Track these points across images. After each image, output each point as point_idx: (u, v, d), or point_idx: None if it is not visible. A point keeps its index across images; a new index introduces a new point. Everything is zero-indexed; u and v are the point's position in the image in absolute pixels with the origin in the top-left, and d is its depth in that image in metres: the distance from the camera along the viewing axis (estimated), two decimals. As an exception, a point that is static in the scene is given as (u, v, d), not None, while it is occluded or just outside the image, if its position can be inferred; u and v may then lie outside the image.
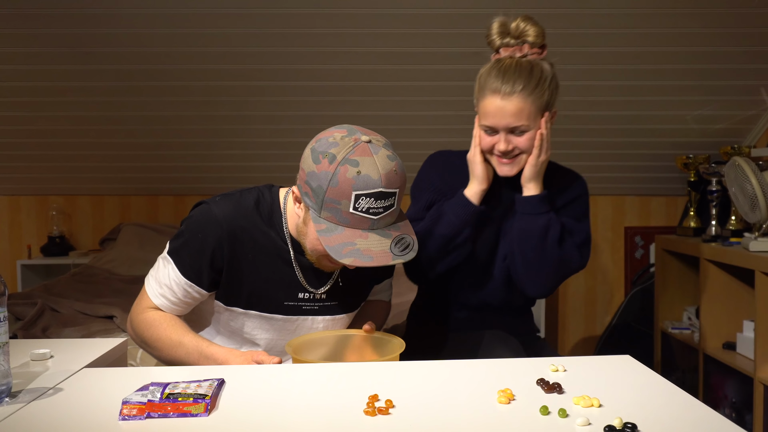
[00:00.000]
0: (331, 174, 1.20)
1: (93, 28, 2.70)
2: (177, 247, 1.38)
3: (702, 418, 0.93)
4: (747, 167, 2.29)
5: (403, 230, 1.28)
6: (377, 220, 1.23)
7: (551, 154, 1.56)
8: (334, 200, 1.21)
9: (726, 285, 2.60)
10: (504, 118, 1.46)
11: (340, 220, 1.23)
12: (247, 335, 1.44)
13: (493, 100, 1.47)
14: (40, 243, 3.67)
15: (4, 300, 1.00)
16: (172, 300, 1.39)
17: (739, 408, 2.45)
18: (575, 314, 3.67)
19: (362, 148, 1.22)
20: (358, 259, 1.21)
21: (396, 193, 1.24)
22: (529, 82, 1.46)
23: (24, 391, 1.06)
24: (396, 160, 1.25)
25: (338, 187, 1.20)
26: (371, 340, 1.40)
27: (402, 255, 1.24)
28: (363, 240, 1.22)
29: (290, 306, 1.42)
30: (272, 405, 1.00)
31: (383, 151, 1.23)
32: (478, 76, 1.54)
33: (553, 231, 1.50)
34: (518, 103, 1.45)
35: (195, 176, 3.56)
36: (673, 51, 2.78)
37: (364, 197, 1.20)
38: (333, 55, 2.82)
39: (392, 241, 1.24)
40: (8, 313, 1.77)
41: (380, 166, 1.21)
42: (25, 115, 3.18)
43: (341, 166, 1.20)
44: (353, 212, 1.21)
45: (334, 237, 1.22)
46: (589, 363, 1.21)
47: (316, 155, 1.23)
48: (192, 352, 1.33)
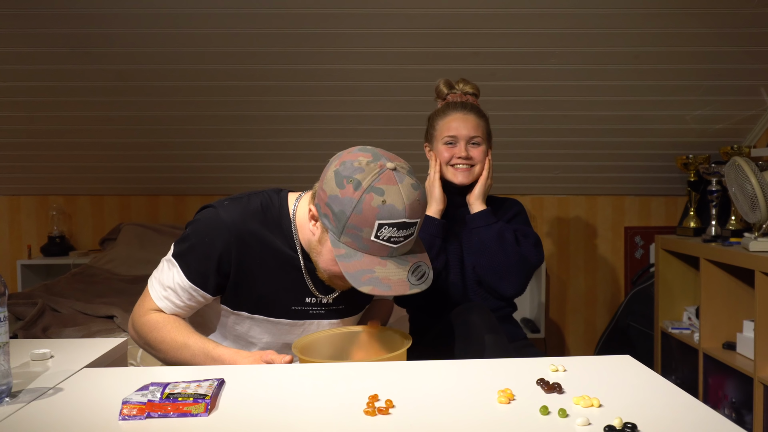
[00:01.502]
0: (355, 201, 1.20)
1: (93, 28, 2.70)
2: (183, 251, 1.36)
3: (702, 418, 0.93)
4: (747, 167, 2.29)
5: (420, 258, 1.28)
6: (397, 248, 1.24)
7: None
8: (357, 227, 1.21)
9: (726, 285, 2.60)
10: (465, 128, 1.81)
11: (360, 246, 1.23)
12: (252, 339, 1.44)
13: (455, 117, 1.83)
14: (40, 243, 3.67)
15: (5, 300, 1.00)
16: (176, 303, 1.38)
17: (739, 408, 2.45)
18: (575, 314, 3.67)
19: (388, 176, 1.22)
20: (377, 288, 1.21)
21: (417, 223, 1.24)
22: (479, 110, 1.86)
23: (24, 391, 1.06)
24: (419, 189, 1.25)
25: (362, 215, 1.20)
26: (378, 336, 1.40)
27: (418, 284, 1.25)
28: (381, 268, 1.22)
29: (297, 310, 1.42)
30: (272, 405, 1.00)
31: (408, 179, 1.23)
32: (431, 115, 1.90)
33: (507, 234, 1.77)
34: (475, 119, 1.83)
35: (195, 176, 3.56)
36: (673, 51, 2.78)
37: (387, 227, 1.20)
38: (333, 56, 2.82)
39: (409, 270, 1.25)
40: (8, 313, 1.77)
41: (405, 196, 1.21)
42: (25, 115, 3.18)
43: (366, 194, 1.20)
44: (374, 240, 1.21)
45: (353, 263, 1.22)
46: (589, 363, 1.21)
47: (340, 179, 1.22)
48: (198, 353, 1.33)
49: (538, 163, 3.38)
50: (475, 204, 1.83)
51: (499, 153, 1.88)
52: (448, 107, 1.85)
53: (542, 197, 3.61)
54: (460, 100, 1.88)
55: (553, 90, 2.98)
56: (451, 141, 1.82)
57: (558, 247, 3.64)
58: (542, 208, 3.63)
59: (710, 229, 2.78)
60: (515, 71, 2.88)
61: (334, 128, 3.19)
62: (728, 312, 2.61)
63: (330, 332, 1.42)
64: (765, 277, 2.20)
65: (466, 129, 1.81)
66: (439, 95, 1.93)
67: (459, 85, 1.91)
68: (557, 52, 2.80)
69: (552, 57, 2.82)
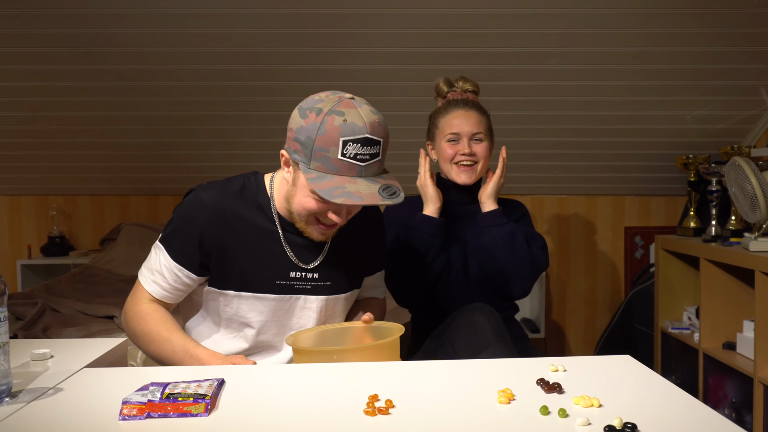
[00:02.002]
0: (318, 124, 1.28)
1: (93, 28, 2.70)
2: (167, 234, 1.44)
3: (702, 418, 0.93)
4: (747, 167, 2.29)
5: (389, 180, 1.34)
6: (365, 167, 1.29)
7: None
8: (323, 148, 1.28)
9: (726, 285, 2.61)
10: (468, 124, 1.80)
11: (329, 168, 1.28)
12: (242, 319, 1.46)
13: (457, 114, 1.82)
14: (40, 243, 3.67)
15: (5, 300, 1.01)
16: (163, 286, 1.43)
17: (739, 408, 2.45)
18: (575, 314, 3.67)
19: (347, 102, 1.31)
20: (349, 198, 1.26)
21: (381, 143, 1.31)
22: (480, 107, 1.85)
23: (24, 391, 1.06)
24: (379, 114, 1.33)
25: (326, 135, 1.27)
26: (371, 330, 1.41)
27: (391, 198, 1.30)
28: (352, 185, 1.28)
29: (282, 285, 1.45)
30: (272, 405, 1.00)
31: (366, 106, 1.32)
32: (432, 113, 1.89)
33: (518, 236, 1.76)
34: (477, 116, 1.82)
35: (195, 176, 3.55)
36: (673, 51, 2.78)
37: (352, 143, 1.27)
38: (333, 55, 2.83)
39: (380, 187, 1.30)
40: (9, 313, 1.77)
41: (364, 116, 1.29)
42: (25, 115, 3.18)
43: (328, 116, 1.28)
44: (342, 158, 1.27)
45: (324, 182, 1.28)
46: (589, 363, 1.21)
47: (303, 112, 1.32)
48: (178, 350, 1.37)
49: (538, 163, 3.38)
50: (487, 203, 1.80)
51: (499, 153, 1.88)
52: (450, 104, 1.84)
53: (542, 197, 3.61)
54: (461, 97, 1.86)
55: (553, 90, 2.98)
56: (453, 138, 1.80)
57: (558, 247, 3.64)
58: (542, 208, 3.63)
59: (710, 229, 2.78)
60: (515, 71, 2.88)
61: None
62: (728, 312, 2.61)
63: (323, 327, 1.45)
64: (765, 277, 2.20)
65: (468, 125, 1.79)
66: (439, 94, 1.92)
67: (459, 83, 1.90)
68: (557, 52, 2.80)
69: (552, 57, 2.82)
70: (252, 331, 1.47)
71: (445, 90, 1.90)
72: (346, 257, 1.52)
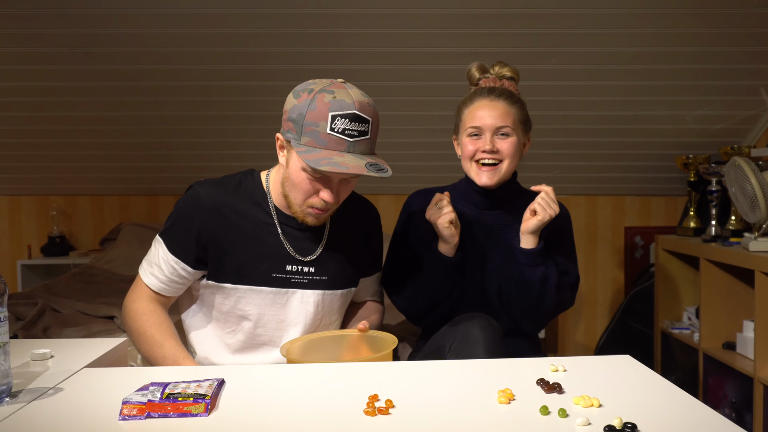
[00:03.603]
0: (309, 100, 1.34)
1: (93, 28, 2.70)
2: (166, 228, 1.48)
3: (702, 418, 0.93)
4: (747, 167, 2.29)
5: (377, 160, 1.36)
6: (353, 143, 1.34)
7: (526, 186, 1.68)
8: (313, 123, 1.33)
9: (726, 285, 2.61)
10: (491, 116, 1.59)
11: (319, 142, 1.33)
12: (240, 312, 1.47)
13: (481, 104, 1.61)
14: (41, 243, 3.67)
15: (5, 300, 1.01)
16: (160, 278, 1.47)
17: (739, 408, 2.45)
18: (575, 314, 3.67)
19: (337, 84, 1.38)
20: (335, 167, 1.30)
21: (370, 122, 1.36)
22: (511, 95, 1.63)
23: (24, 391, 1.06)
24: (368, 98, 1.39)
25: (316, 111, 1.33)
26: (366, 339, 1.41)
27: (378, 172, 1.33)
28: (340, 157, 1.32)
29: (279, 278, 1.46)
30: (272, 405, 1.00)
31: (356, 89, 1.39)
32: (460, 104, 1.68)
33: (551, 281, 1.57)
34: (504, 106, 1.60)
35: (195, 176, 3.51)
36: (673, 51, 2.77)
37: (340, 118, 1.32)
38: (333, 55, 2.82)
39: (367, 163, 1.33)
40: (9, 313, 1.77)
41: (353, 95, 1.36)
42: (25, 115, 3.18)
43: (318, 94, 1.34)
44: (330, 133, 1.32)
45: (313, 154, 1.32)
46: (589, 363, 1.21)
47: (296, 93, 1.38)
48: (168, 357, 1.40)
49: (538, 163, 3.38)
50: (526, 237, 1.56)
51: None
52: (476, 94, 1.64)
53: (542, 197, 3.60)
54: (493, 85, 1.65)
55: (553, 90, 2.97)
56: (475, 132, 1.60)
57: (558, 247, 3.64)
58: (542, 208, 3.62)
59: (710, 229, 2.78)
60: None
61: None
62: (728, 312, 2.61)
63: (319, 335, 1.46)
64: (765, 277, 2.20)
65: (491, 118, 1.58)
66: (471, 81, 1.71)
67: (495, 69, 1.68)
68: (557, 52, 2.80)
69: (552, 57, 2.82)
70: (249, 324, 1.48)
71: (476, 76, 1.69)
72: (344, 251, 1.54)
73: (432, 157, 3.32)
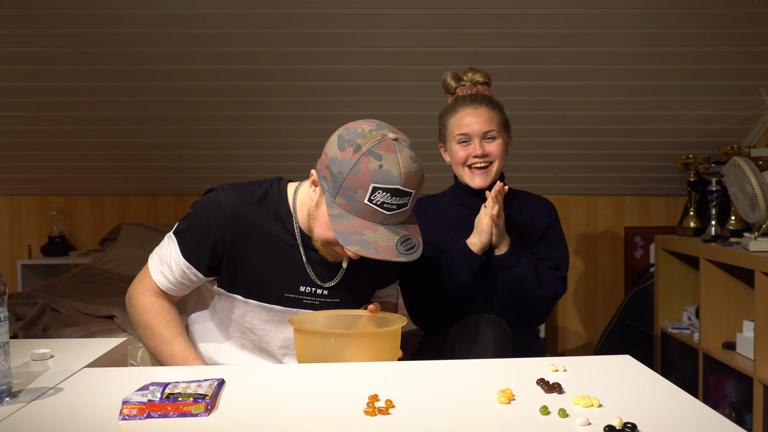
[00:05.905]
0: (353, 162, 1.23)
1: (93, 28, 2.70)
2: (182, 229, 1.42)
3: (702, 418, 0.93)
4: (747, 167, 2.29)
5: (411, 231, 1.30)
6: (389, 216, 1.26)
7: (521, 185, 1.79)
8: (352, 188, 1.24)
9: (726, 285, 2.60)
10: (478, 123, 1.69)
11: (353, 209, 1.25)
12: (247, 324, 1.46)
13: (465, 112, 1.71)
14: (41, 243, 3.67)
15: (5, 300, 1.00)
16: (169, 278, 1.42)
17: (739, 408, 2.45)
18: (575, 314, 3.67)
19: (388, 144, 1.25)
20: (364, 249, 1.23)
21: (412, 194, 1.27)
22: (491, 100, 1.74)
23: (24, 391, 1.06)
24: (418, 162, 1.28)
25: (358, 177, 1.23)
26: (375, 320, 1.40)
27: (406, 254, 1.26)
28: (371, 232, 1.25)
29: (290, 298, 1.43)
30: (272, 405, 1.00)
31: (407, 151, 1.27)
32: (441, 113, 1.78)
33: (527, 277, 1.65)
34: (487, 112, 1.70)
35: (195, 176, 3.56)
36: (673, 51, 2.77)
37: (381, 191, 1.23)
38: (333, 56, 2.82)
39: (399, 239, 1.26)
40: (9, 312, 1.77)
41: (402, 164, 1.24)
42: (25, 115, 3.18)
43: (365, 157, 1.23)
44: (367, 203, 1.24)
45: (344, 224, 1.25)
46: (589, 363, 1.21)
47: (342, 142, 1.27)
48: (177, 355, 1.38)
49: (538, 163, 3.38)
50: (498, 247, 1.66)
51: None
52: (458, 103, 1.73)
53: (542, 197, 3.61)
54: (470, 92, 1.75)
55: (553, 90, 2.98)
56: (464, 139, 1.70)
57: (558, 247, 3.64)
58: (542, 208, 3.62)
59: (710, 229, 2.78)
60: (515, 71, 2.87)
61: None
62: (728, 312, 2.61)
63: (328, 312, 1.43)
64: (765, 277, 2.20)
65: (478, 124, 1.69)
66: (448, 90, 1.81)
67: (468, 75, 1.79)
68: (557, 52, 2.80)
69: (552, 57, 2.82)
70: (255, 337, 1.47)
71: (453, 86, 1.79)
72: (364, 278, 1.50)
73: (432, 157, 3.32)
